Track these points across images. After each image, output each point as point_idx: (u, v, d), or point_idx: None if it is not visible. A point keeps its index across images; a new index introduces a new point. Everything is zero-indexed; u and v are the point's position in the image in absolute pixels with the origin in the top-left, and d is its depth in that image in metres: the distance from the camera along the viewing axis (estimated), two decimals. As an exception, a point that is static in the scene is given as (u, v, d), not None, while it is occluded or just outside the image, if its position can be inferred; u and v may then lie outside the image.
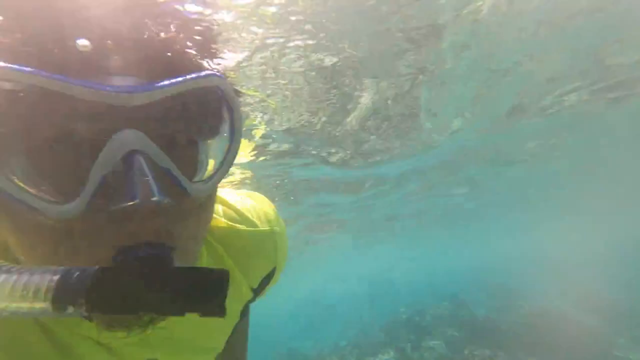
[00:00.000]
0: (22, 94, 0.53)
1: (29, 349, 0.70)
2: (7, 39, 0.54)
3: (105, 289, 0.52)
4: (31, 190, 0.56)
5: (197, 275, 0.57)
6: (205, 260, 0.91)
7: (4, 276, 0.51)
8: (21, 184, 0.55)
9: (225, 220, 0.97)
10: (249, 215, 1.02)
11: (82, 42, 0.55)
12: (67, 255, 0.57)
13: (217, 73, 0.64)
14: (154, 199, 0.54)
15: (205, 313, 0.56)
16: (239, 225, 0.99)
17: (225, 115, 0.68)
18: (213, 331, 0.99)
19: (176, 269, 0.58)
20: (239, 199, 1.06)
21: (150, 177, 0.55)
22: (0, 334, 0.67)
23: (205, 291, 0.56)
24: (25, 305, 0.51)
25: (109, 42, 0.56)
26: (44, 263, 0.57)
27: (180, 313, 0.56)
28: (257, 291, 1.06)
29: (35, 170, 0.57)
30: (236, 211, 1.01)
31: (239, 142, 0.70)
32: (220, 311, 0.57)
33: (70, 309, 0.51)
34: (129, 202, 0.54)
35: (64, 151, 0.56)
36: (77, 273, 0.52)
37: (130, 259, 0.57)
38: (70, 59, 0.54)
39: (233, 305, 1.00)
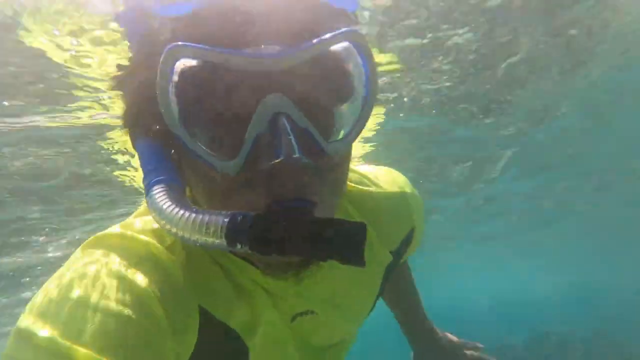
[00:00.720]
0: (193, 69, 0.65)
1: (210, 279, 0.84)
2: (181, 24, 0.67)
3: (261, 231, 0.61)
4: (206, 150, 0.67)
5: (338, 225, 0.63)
6: None
7: (194, 215, 0.65)
8: (200, 145, 0.67)
9: (356, 185, 1.03)
10: (378, 180, 1.07)
11: (239, 18, 0.64)
12: (232, 203, 0.68)
13: (353, 28, 0.68)
14: (295, 156, 0.61)
15: (344, 261, 0.62)
16: (370, 188, 1.04)
17: (361, 73, 0.71)
18: (360, 293, 1.05)
19: (320, 219, 0.64)
20: (367, 168, 1.11)
21: (292, 137, 0.62)
22: (189, 269, 0.81)
23: (345, 240, 0.62)
24: (205, 239, 0.63)
25: (259, 16, 0.64)
26: (215, 208, 0.68)
27: (322, 258, 0.63)
28: (397, 254, 1.09)
29: (208, 133, 0.68)
30: (365, 176, 1.06)
31: (373, 101, 0.73)
32: (359, 261, 0.62)
33: (239, 246, 0.62)
34: (275, 160, 0.62)
35: (227, 116, 0.67)
36: (240, 217, 0.63)
37: (278, 209, 0.65)
38: (227, 34, 0.64)
39: (373, 268, 1.04)
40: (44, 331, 0.63)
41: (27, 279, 6.82)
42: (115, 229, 0.83)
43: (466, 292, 33.17)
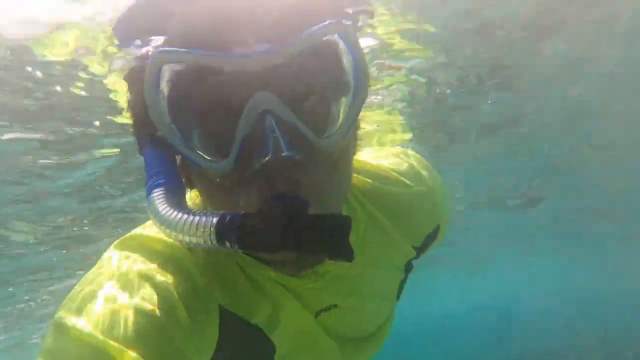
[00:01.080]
0: (178, 74, 0.66)
1: (230, 278, 0.86)
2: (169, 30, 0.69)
3: (248, 231, 0.62)
4: (198, 152, 0.69)
5: (322, 221, 0.62)
6: (359, 220, 0.96)
7: (185, 216, 0.65)
8: (192, 148, 0.69)
9: (378, 183, 1.01)
10: (402, 176, 1.04)
11: (222, 18, 0.65)
12: (229, 204, 0.70)
13: (335, 20, 0.67)
14: (284, 154, 0.61)
15: (332, 256, 0.62)
16: (393, 188, 1.02)
17: (349, 64, 0.70)
18: (383, 284, 1.06)
19: (305, 216, 0.64)
20: (391, 161, 1.08)
21: (278, 134, 0.62)
22: (209, 268, 0.84)
23: (330, 235, 0.61)
24: (197, 239, 0.64)
25: (242, 15, 0.65)
26: (217, 209, 0.69)
27: (311, 254, 0.64)
28: (421, 250, 1.09)
29: (200, 135, 0.70)
30: (384, 170, 1.04)
31: (364, 92, 0.71)
32: (346, 255, 0.62)
33: (228, 245, 0.62)
34: (264, 158, 0.62)
35: (215, 117, 0.68)
36: (229, 217, 0.63)
37: (268, 207, 0.65)
38: (210, 36, 0.65)
39: (395, 262, 1.05)
40: (82, 325, 0.68)
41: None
42: (141, 230, 0.88)
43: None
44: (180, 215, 0.65)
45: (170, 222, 0.65)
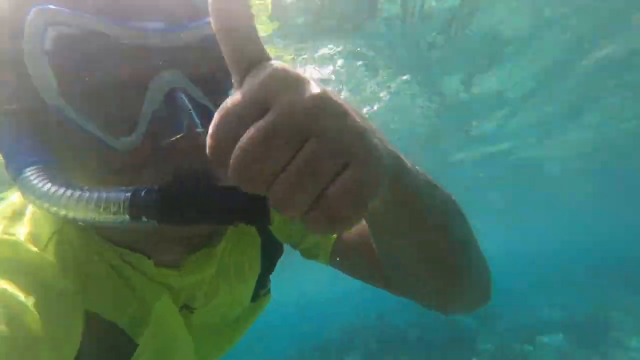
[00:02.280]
0: (78, 39, 0.60)
1: (95, 279, 0.77)
2: None
3: (170, 202, 0.59)
4: (97, 126, 0.63)
5: (240, 191, 0.62)
6: None
7: (86, 194, 0.58)
8: (89, 121, 0.63)
9: None
10: None
11: None
12: (126, 183, 0.63)
13: None
14: (198, 130, 0.61)
15: (252, 222, 0.62)
16: None
17: None
18: (243, 278, 1.03)
19: (224, 186, 0.63)
20: None
21: (193, 112, 0.62)
22: (70, 270, 0.75)
23: (250, 203, 0.61)
24: (105, 217, 0.58)
25: None
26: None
27: (229, 222, 0.63)
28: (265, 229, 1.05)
29: (97, 108, 0.64)
30: None
31: None
32: (265, 219, 0.61)
33: (144, 219, 0.58)
34: (177, 135, 0.62)
35: (118, 91, 0.64)
36: (145, 190, 0.59)
37: (181, 180, 0.65)
38: (114, 5, 0.61)
39: (251, 251, 1.03)
40: None
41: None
42: None
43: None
44: (79, 192, 0.59)
45: (66, 201, 0.58)
